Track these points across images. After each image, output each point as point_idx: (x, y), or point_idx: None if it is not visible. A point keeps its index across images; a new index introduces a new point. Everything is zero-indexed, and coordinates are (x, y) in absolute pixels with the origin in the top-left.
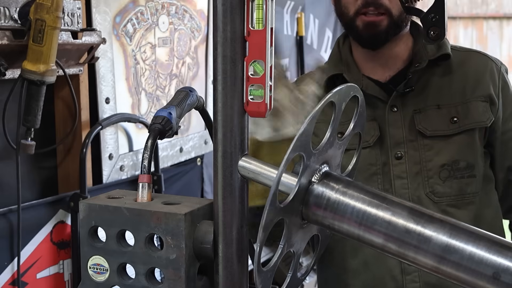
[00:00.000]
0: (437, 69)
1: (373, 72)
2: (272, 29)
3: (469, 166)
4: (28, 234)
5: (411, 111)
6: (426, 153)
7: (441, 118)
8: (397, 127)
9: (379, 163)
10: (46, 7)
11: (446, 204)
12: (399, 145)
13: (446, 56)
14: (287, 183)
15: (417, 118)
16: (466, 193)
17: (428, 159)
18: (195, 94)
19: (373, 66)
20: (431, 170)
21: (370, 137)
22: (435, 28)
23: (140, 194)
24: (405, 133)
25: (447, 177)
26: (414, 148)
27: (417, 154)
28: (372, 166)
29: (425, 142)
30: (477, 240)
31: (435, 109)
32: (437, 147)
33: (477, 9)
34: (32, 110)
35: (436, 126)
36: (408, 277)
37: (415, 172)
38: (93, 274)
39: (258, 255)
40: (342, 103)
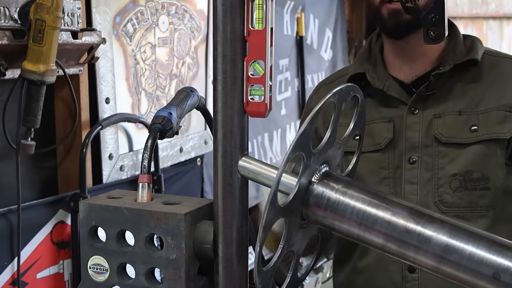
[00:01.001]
0: (465, 74)
1: (400, 71)
2: (272, 29)
3: (483, 178)
4: (28, 234)
5: (431, 115)
6: (440, 160)
7: (460, 125)
8: (414, 130)
9: (392, 166)
10: (46, 7)
11: (454, 215)
12: (414, 149)
13: (474, 61)
14: (287, 183)
15: (435, 123)
16: (477, 206)
17: (440, 167)
18: (196, 94)
19: (401, 64)
20: (442, 178)
21: (382, 139)
22: (435, 28)
23: (140, 194)
24: (422, 137)
25: (458, 188)
26: (429, 154)
27: (431, 160)
28: (383, 170)
29: (440, 148)
30: (477, 240)
31: (456, 115)
32: (452, 155)
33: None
34: (32, 110)
35: (453, 133)
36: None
37: (426, 179)
38: (93, 274)
39: (258, 255)
40: (342, 103)
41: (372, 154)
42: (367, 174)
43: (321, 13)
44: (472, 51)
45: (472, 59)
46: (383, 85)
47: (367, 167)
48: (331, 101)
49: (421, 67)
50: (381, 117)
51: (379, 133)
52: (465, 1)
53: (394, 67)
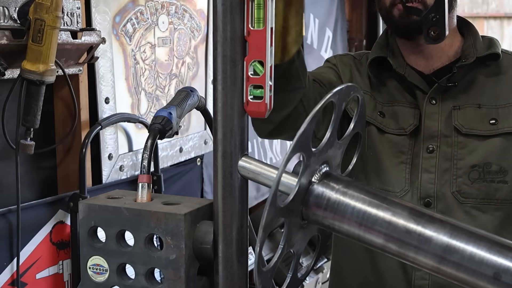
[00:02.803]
0: (485, 69)
1: (417, 63)
2: (272, 29)
3: (502, 170)
4: (27, 234)
5: (450, 106)
6: (459, 151)
7: (480, 118)
8: (433, 119)
9: (410, 152)
10: (45, 6)
11: (471, 206)
12: (433, 138)
13: (495, 56)
14: (287, 183)
15: (455, 114)
16: (494, 198)
17: (459, 157)
18: (196, 94)
19: (416, 59)
20: (461, 169)
21: (408, 126)
22: (436, 28)
23: (140, 194)
24: (441, 127)
25: (476, 179)
26: (448, 144)
27: (450, 151)
28: (402, 154)
29: (460, 139)
30: (478, 241)
31: (475, 108)
32: (471, 146)
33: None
34: (32, 110)
35: (473, 125)
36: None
37: (444, 169)
38: (93, 275)
39: (258, 255)
40: (342, 103)
41: (395, 137)
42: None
43: (321, 13)
44: (493, 46)
45: (494, 53)
46: (403, 71)
47: (386, 147)
48: (331, 101)
49: (438, 61)
50: (405, 101)
51: (404, 117)
52: (466, 1)
53: (411, 59)
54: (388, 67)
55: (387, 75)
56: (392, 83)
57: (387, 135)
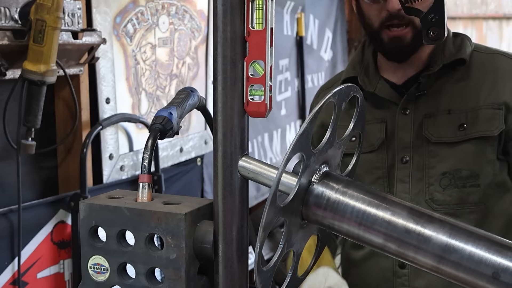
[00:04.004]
0: (454, 73)
1: (393, 74)
2: (272, 29)
3: (472, 175)
4: (28, 234)
5: (422, 115)
6: (430, 160)
7: (450, 124)
8: (406, 130)
9: (385, 166)
10: (46, 7)
11: (445, 212)
12: (406, 149)
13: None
14: (287, 183)
15: (426, 123)
16: (467, 202)
17: (431, 166)
18: (196, 94)
19: (395, 69)
20: (432, 177)
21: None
22: (435, 29)
23: (141, 194)
24: (413, 138)
25: (448, 185)
26: (420, 154)
27: (421, 160)
28: (377, 170)
29: (430, 148)
30: (477, 240)
31: (446, 115)
32: (442, 154)
33: (477, 10)
34: (33, 110)
35: (442, 133)
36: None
37: (417, 178)
38: (94, 274)
39: (258, 255)
40: (342, 103)
41: (366, 155)
42: (363, 175)
43: (321, 13)
44: (461, 50)
45: (459, 58)
46: (374, 87)
47: (362, 168)
48: (331, 101)
49: (412, 69)
50: (374, 118)
51: (372, 134)
52: (465, 2)
53: (387, 71)
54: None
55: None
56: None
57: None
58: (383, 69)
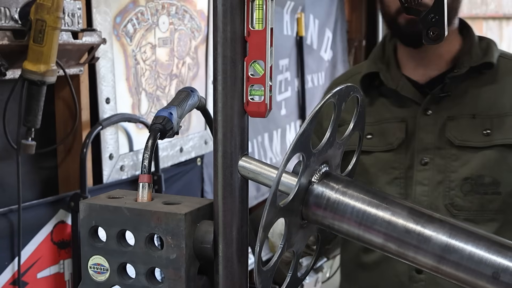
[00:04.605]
0: (480, 77)
1: (414, 72)
2: (272, 29)
3: (494, 182)
4: (28, 234)
5: (445, 117)
6: (452, 163)
7: (474, 129)
8: (427, 131)
9: (403, 167)
10: (46, 7)
11: (464, 218)
12: (427, 150)
13: (489, 64)
14: (287, 183)
15: (449, 125)
16: (487, 210)
17: (452, 170)
18: (196, 94)
19: (415, 66)
20: (453, 181)
21: (394, 139)
22: (435, 29)
23: (141, 194)
24: (435, 139)
25: (469, 191)
26: (441, 156)
27: (443, 163)
28: (394, 170)
29: (453, 151)
30: (477, 240)
31: (470, 119)
32: (464, 158)
33: (477, 10)
34: (33, 110)
35: (466, 136)
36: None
37: (437, 181)
38: (94, 274)
39: (258, 255)
40: (342, 103)
41: (383, 154)
42: (378, 174)
43: (321, 13)
44: (488, 54)
45: (488, 62)
46: (396, 85)
47: (378, 167)
48: (331, 101)
49: (435, 69)
50: (394, 117)
51: (391, 132)
52: (465, 1)
53: (408, 68)
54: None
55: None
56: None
57: (375, 154)
58: (404, 66)
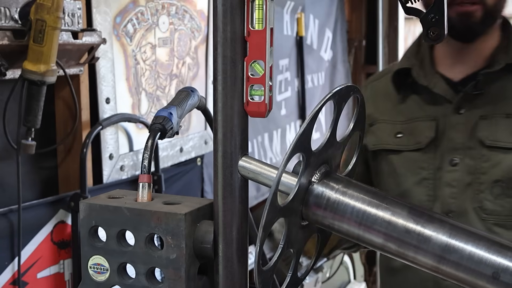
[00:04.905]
0: None
1: (450, 69)
2: (272, 29)
3: None
4: (28, 234)
5: (477, 116)
6: (482, 164)
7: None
8: (458, 130)
9: (432, 167)
10: (46, 7)
11: (493, 223)
12: (456, 150)
13: None
14: (287, 183)
15: (481, 124)
16: None
17: (482, 171)
18: (196, 94)
19: (452, 63)
20: (483, 183)
21: (423, 138)
22: (435, 29)
23: (141, 194)
24: (465, 139)
25: (500, 194)
26: (471, 157)
27: (473, 164)
28: (423, 170)
29: (483, 152)
30: (477, 240)
31: (503, 118)
32: (495, 159)
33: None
34: (33, 110)
35: (498, 136)
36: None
37: (466, 183)
38: (94, 274)
39: (258, 255)
40: (342, 103)
41: (412, 153)
42: (407, 174)
43: (321, 13)
44: None
45: None
46: (429, 82)
47: (405, 166)
48: (331, 101)
49: (472, 65)
50: (425, 115)
51: (421, 131)
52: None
53: (444, 65)
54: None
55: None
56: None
57: (404, 153)
58: (440, 63)
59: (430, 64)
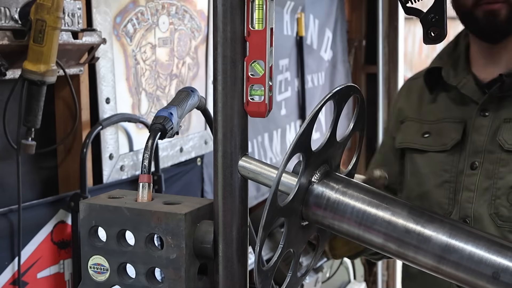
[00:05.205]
0: None
1: (483, 70)
2: (272, 29)
3: None
4: (28, 234)
5: (502, 118)
6: (500, 169)
7: None
8: (481, 133)
9: (455, 170)
10: (46, 7)
11: (509, 231)
12: (477, 154)
13: None
14: (287, 183)
15: (503, 127)
16: None
17: (500, 176)
18: (196, 94)
19: (485, 63)
20: (500, 189)
21: (449, 140)
22: (435, 29)
23: (141, 194)
24: (487, 142)
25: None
26: (491, 161)
27: (491, 168)
28: (445, 173)
29: (502, 156)
30: (477, 240)
31: None
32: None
33: None
34: (33, 110)
35: None
36: None
37: (484, 188)
38: (94, 274)
39: (258, 255)
40: (342, 103)
41: (436, 154)
42: (429, 175)
43: (321, 13)
44: None
45: None
46: (458, 82)
47: (429, 167)
48: (331, 101)
49: (503, 66)
50: (453, 116)
51: (448, 133)
52: None
53: (477, 65)
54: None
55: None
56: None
57: (429, 154)
58: (474, 63)
59: (464, 64)
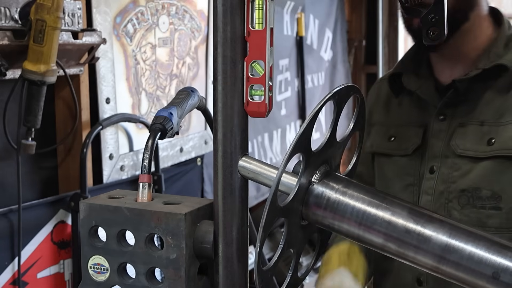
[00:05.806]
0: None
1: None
2: (272, 29)
3: (493, 196)
4: (28, 234)
5: (457, 123)
6: (453, 173)
7: (480, 137)
8: (439, 138)
9: (417, 174)
10: (46, 7)
11: None
12: (435, 158)
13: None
14: (287, 183)
15: (457, 132)
16: (486, 226)
17: (453, 180)
18: (196, 94)
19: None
20: (452, 192)
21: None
22: (435, 29)
23: (141, 194)
24: (443, 147)
25: (466, 204)
26: (446, 165)
27: (446, 172)
28: (408, 177)
29: (456, 160)
30: (477, 240)
31: (477, 126)
32: (464, 168)
33: None
34: (33, 110)
35: (469, 145)
36: None
37: (439, 191)
38: (94, 274)
39: (258, 255)
40: (342, 103)
41: (400, 158)
42: (395, 179)
43: (321, 13)
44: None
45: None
46: (418, 86)
47: (394, 171)
48: (331, 101)
49: (461, 68)
50: (415, 121)
51: (408, 137)
52: None
53: (437, 69)
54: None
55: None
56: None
57: (394, 158)
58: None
59: (426, 68)
